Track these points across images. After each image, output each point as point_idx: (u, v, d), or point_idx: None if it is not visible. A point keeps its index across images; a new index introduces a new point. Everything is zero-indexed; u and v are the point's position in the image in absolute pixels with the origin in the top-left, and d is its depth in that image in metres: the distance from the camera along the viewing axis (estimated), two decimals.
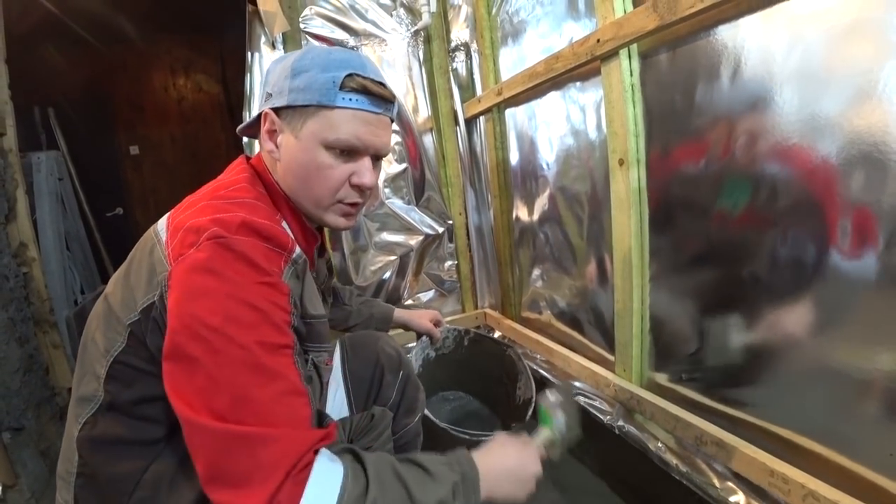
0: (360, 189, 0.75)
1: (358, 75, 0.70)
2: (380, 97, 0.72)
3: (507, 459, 0.71)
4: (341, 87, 0.68)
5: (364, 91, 0.70)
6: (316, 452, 0.55)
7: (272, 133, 0.73)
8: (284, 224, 0.72)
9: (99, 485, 0.66)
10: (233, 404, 0.52)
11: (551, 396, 0.89)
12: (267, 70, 0.77)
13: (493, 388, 1.49)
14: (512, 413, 1.37)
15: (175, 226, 0.63)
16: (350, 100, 0.69)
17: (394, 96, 0.76)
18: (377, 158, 0.77)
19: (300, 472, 0.52)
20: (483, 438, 1.07)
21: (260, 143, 0.76)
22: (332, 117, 0.69)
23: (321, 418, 0.81)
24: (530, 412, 1.22)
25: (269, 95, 0.73)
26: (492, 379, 1.48)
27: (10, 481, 1.34)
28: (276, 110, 0.71)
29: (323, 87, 0.68)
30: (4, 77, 1.66)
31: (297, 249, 0.67)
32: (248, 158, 0.81)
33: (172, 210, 0.70)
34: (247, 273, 0.58)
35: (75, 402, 0.68)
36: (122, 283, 0.67)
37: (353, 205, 0.76)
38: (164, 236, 0.64)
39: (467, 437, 1.10)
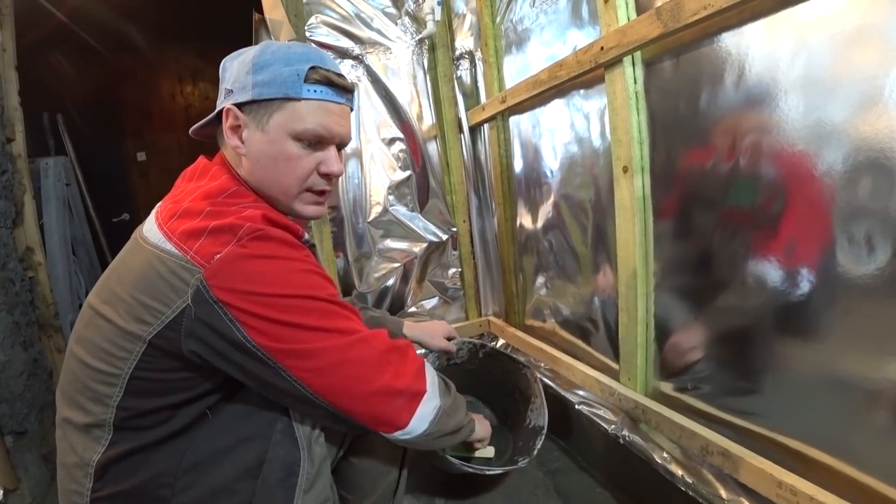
0: (328, 177, 0.78)
1: (320, 67, 0.72)
2: (342, 87, 0.75)
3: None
4: (306, 80, 0.71)
5: (327, 82, 0.73)
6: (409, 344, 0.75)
7: (236, 129, 0.74)
8: None
9: (125, 497, 0.66)
10: (333, 322, 0.67)
11: None
12: (222, 67, 0.77)
13: (505, 401, 1.47)
14: (520, 434, 1.35)
15: (185, 232, 0.63)
16: (315, 91, 0.72)
17: (353, 86, 0.79)
18: (341, 147, 0.80)
19: (412, 351, 0.75)
20: (488, 472, 1.20)
21: (223, 140, 0.77)
22: (299, 108, 0.71)
23: None
24: (538, 446, 1.22)
25: (230, 92, 0.73)
26: (504, 392, 1.46)
27: (12, 485, 1.34)
28: (239, 106, 0.72)
29: (288, 80, 0.70)
30: (14, 84, 1.68)
31: (306, 235, 0.74)
32: (209, 158, 0.80)
33: (160, 220, 0.67)
34: (293, 252, 0.66)
35: (77, 430, 0.67)
36: (124, 299, 0.64)
37: (321, 192, 0.79)
38: (170, 245, 0.63)
39: (472, 469, 1.17)
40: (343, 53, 1.78)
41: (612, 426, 1.20)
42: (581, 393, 1.35)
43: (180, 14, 3.56)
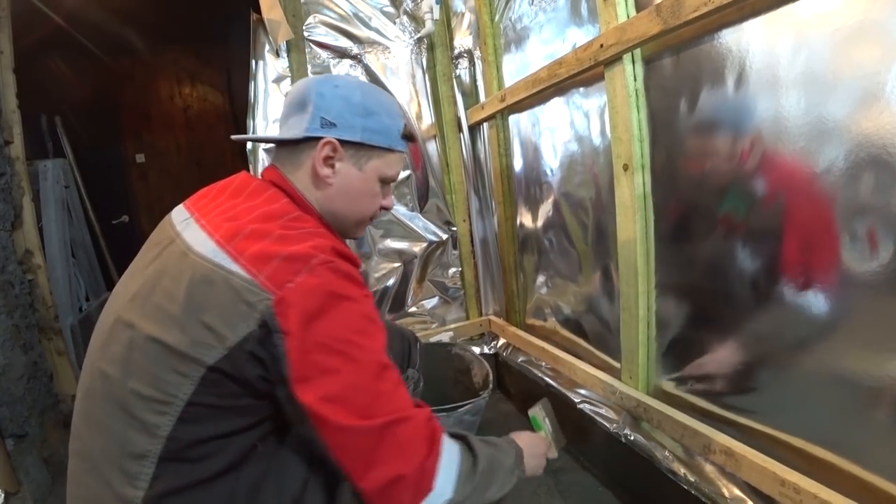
0: (385, 209, 0.89)
1: (407, 124, 0.84)
2: (413, 141, 0.91)
3: (530, 443, 0.88)
4: (401, 135, 0.82)
5: (411, 138, 0.86)
6: (437, 428, 0.66)
7: (329, 159, 0.77)
8: None
9: None
10: (372, 402, 0.60)
11: (539, 409, 1.08)
12: (316, 92, 0.77)
13: (449, 391, 1.50)
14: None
15: (255, 255, 0.61)
16: (402, 145, 0.83)
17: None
18: None
19: (435, 443, 0.64)
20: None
21: (295, 160, 0.78)
22: (391, 158, 0.82)
23: None
24: (492, 384, 1.39)
25: (331, 124, 0.76)
26: (447, 383, 1.50)
27: (13, 488, 1.34)
28: (341, 141, 0.76)
29: (392, 134, 0.81)
30: (12, 86, 1.68)
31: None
32: (272, 182, 0.79)
33: (219, 237, 0.65)
34: (358, 290, 0.65)
35: (110, 463, 0.61)
36: (178, 318, 0.60)
37: (371, 220, 0.89)
38: (236, 266, 0.61)
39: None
40: (341, 53, 1.78)
41: (614, 425, 1.20)
42: (583, 392, 1.35)
43: (178, 15, 3.56)
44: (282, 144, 0.81)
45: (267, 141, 0.86)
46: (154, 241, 0.76)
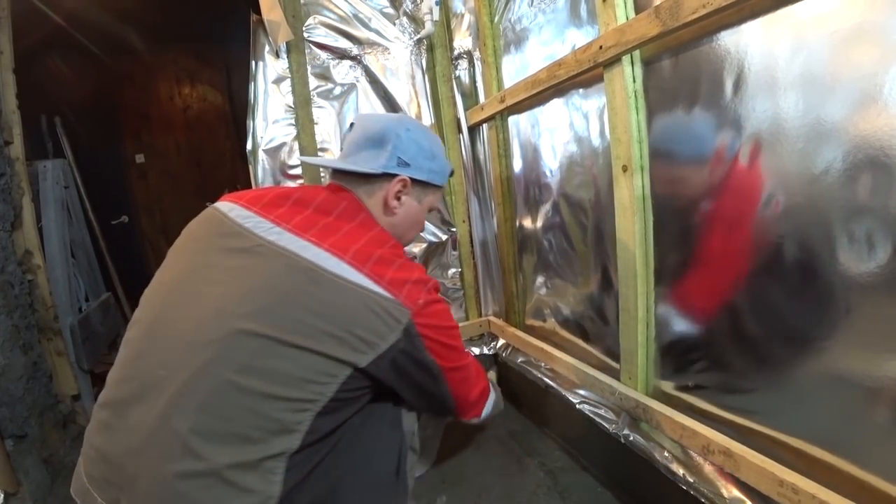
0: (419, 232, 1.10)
1: (452, 167, 1.06)
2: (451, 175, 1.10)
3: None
4: (448, 174, 1.04)
5: (452, 175, 1.08)
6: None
7: (400, 193, 0.93)
8: None
9: None
10: (463, 352, 0.89)
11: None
12: (395, 134, 0.92)
13: None
14: None
15: (392, 280, 0.75)
16: (446, 182, 1.06)
17: None
18: None
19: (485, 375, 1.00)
20: None
21: (367, 189, 0.92)
22: (439, 193, 1.03)
23: None
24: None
25: (406, 164, 0.92)
26: None
27: (13, 489, 1.34)
28: (412, 179, 0.93)
29: (445, 175, 1.02)
30: (12, 87, 1.68)
31: None
32: (359, 204, 0.91)
33: (354, 262, 0.75)
34: (442, 298, 0.85)
35: (245, 469, 0.64)
36: (331, 332, 0.69)
37: None
38: (379, 288, 0.74)
39: None
40: (341, 54, 1.78)
41: (613, 426, 1.20)
42: (582, 392, 1.35)
43: (177, 16, 3.56)
44: (360, 175, 0.92)
45: (344, 170, 0.93)
46: (220, 242, 0.79)
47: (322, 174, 1.69)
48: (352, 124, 0.98)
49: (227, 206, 0.84)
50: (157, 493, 0.63)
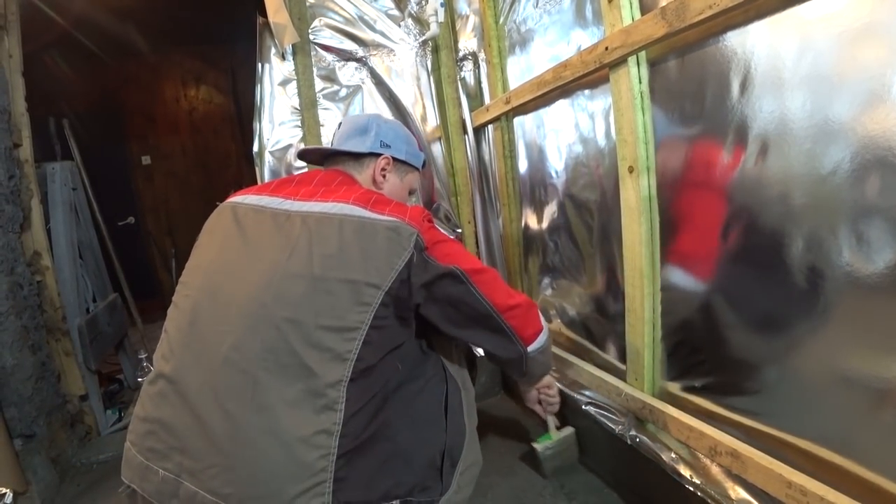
0: None
1: (425, 157, 1.20)
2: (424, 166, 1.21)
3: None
4: (423, 164, 1.17)
5: (424, 165, 1.20)
6: None
7: (384, 170, 1.06)
8: None
9: (364, 445, 0.76)
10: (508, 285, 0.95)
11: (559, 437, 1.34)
12: (375, 124, 1.08)
13: None
14: None
15: (393, 210, 0.84)
16: (423, 170, 1.19)
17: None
18: None
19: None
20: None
21: (357, 167, 1.06)
22: (417, 175, 1.16)
23: None
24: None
25: (388, 146, 1.06)
26: None
27: (21, 488, 1.35)
28: (392, 158, 1.06)
29: (420, 158, 1.15)
30: (21, 90, 1.69)
31: None
32: (354, 179, 1.03)
33: (358, 203, 0.85)
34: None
35: (305, 401, 0.72)
36: (357, 261, 0.78)
37: None
38: (387, 217, 0.82)
39: None
40: (347, 56, 1.79)
41: (620, 426, 1.20)
42: (588, 393, 1.35)
43: (183, 19, 3.58)
44: (347, 156, 1.06)
45: (332, 151, 1.09)
46: (250, 222, 0.89)
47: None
48: (340, 123, 1.14)
49: (239, 198, 0.96)
50: (234, 436, 0.71)
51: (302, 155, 1.15)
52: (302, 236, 0.82)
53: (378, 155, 1.05)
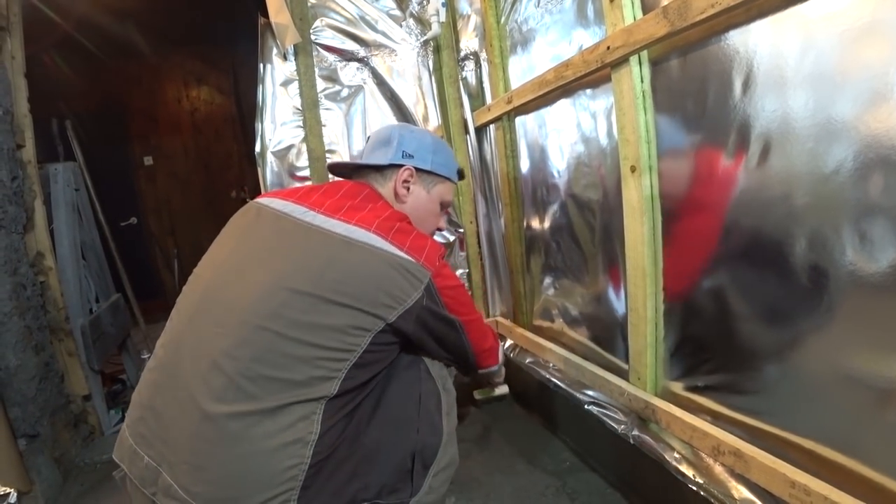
0: (439, 230, 1.21)
1: (459, 167, 1.17)
2: (462, 178, 1.20)
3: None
4: (458, 173, 1.15)
5: (461, 175, 1.18)
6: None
7: (407, 182, 1.04)
8: None
9: (337, 450, 0.77)
10: (473, 307, 0.99)
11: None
12: (399, 135, 1.06)
13: None
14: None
15: (413, 246, 0.85)
16: (457, 179, 1.15)
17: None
18: None
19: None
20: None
21: (379, 181, 1.05)
22: (449, 187, 1.12)
23: None
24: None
25: (410, 156, 1.04)
26: None
27: (26, 488, 1.35)
28: (416, 169, 1.04)
29: (451, 168, 1.11)
30: (23, 91, 1.70)
31: None
32: (378, 194, 1.03)
33: (378, 231, 0.85)
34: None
35: (286, 411, 0.73)
36: (366, 290, 0.80)
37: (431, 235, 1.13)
38: (403, 253, 0.83)
39: None
40: (348, 56, 1.79)
41: (622, 426, 1.20)
42: (590, 393, 1.35)
43: (184, 19, 3.59)
44: (371, 168, 1.05)
45: (356, 165, 1.10)
46: (268, 227, 0.91)
47: (330, 178, 1.70)
48: (368, 137, 1.16)
49: (266, 200, 0.97)
50: (210, 437, 0.72)
51: (331, 168, 1.17)
52: (318, 255, 0.83)
53: (400, 166, 1.03)
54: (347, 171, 1.14)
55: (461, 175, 1.18)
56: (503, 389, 1.40)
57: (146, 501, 0.76)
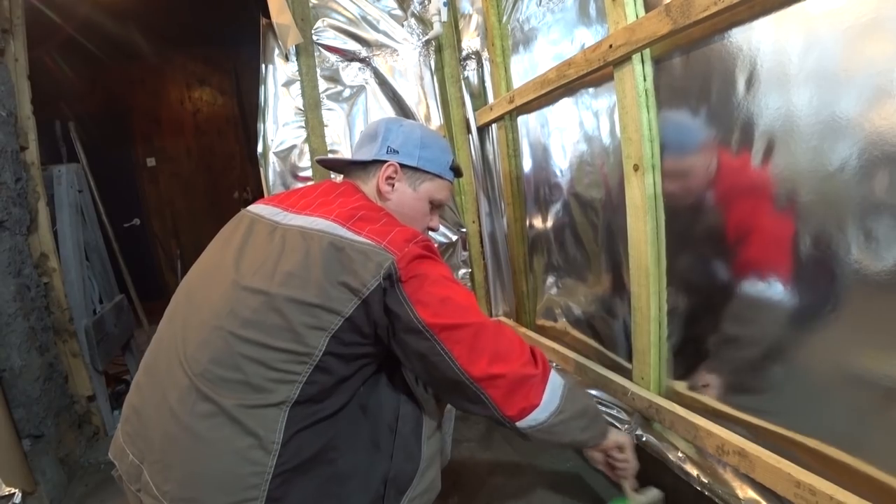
0: (431, 230, 1.08)
1: (454, 161, 1.05)
2: (459, 175, 1.10)
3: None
4: (450, 167, 1.03)
5: (457, 172, 1.07)
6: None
7: (391, 178, 0.97)
8: None
9: (304, 465, 0.74)
10: (469, 308, 0.81)
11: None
12: (385, 128, 1.00)
13: None
14: None
15: (374, 230, 0.78)
16: (450, 175, 1.04)
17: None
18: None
19: (533, 351, 0.85)
20: None
21: (363, 178, 0.99)
22: (440, 184, 1.02)
23: None
24: None
25: (395, 151, 0.97)
26: None
27: (30, 488, 1.36)
28: (401, 165, 0.97)
29: (442, 164, 1.01)
30: (27, 93, 1.70)
31: None
32: (356, 188, 0.97)
33: (337, 219, 0.80)
34: (442, 260, 0.85)
35: (249, 413, 0.71)
36: (316, 281, 0.73)
37: None
38: (362, 238, 0.76)
39: None
40: (350, 56, 1.79)
41: (626, 426, 1.20)
42: (594, 393, 1.35)
43: (186, 21, 3.60)
44: (356, 165, 1.00)
45: (345, 161, 1.06)
46: (242, 230, 0.89)
47: (333, 177, 1.70)
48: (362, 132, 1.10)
49: (253, 206, 0.97)
50: (175, 437, 0.72)
51: (321, 165, 1.13)
52: (274, 252, 0.79)
53: (384, 162, 0.97)
54: (339, 169, 1.12)
55: (458, 172, 1.08)
56: (652, 497, 1.04)
57: (135, 499, 0.78)
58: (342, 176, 1.07)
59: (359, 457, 0.80)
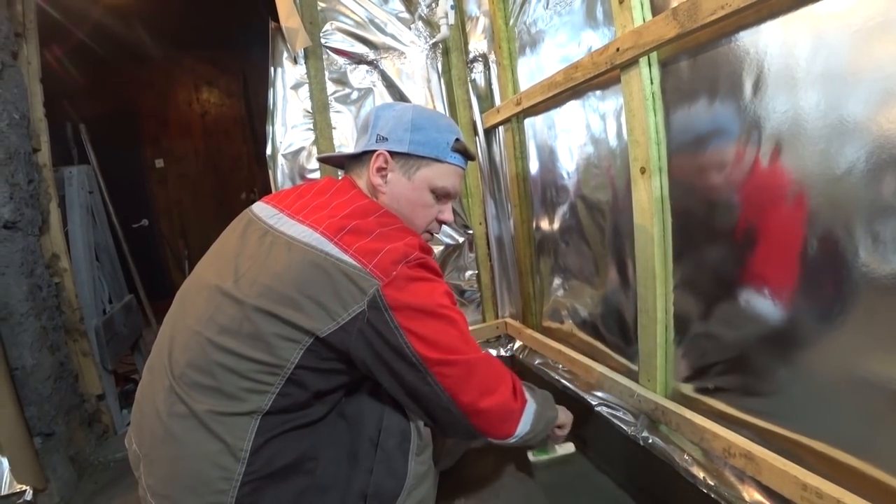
0: (442, 223, 1.00)
1: (459, 140, 0.93)
2: (470, 158, 0.98)
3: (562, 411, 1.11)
4: (451, 148, 0.91)
5: (464, 153, 0.95)
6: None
7: (382, 170, 0.90)
8: None
9: (277, 475, 0.74)
10: (464, 343, 0.79)
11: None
12: (375, 115, 0.93)
13: None
14: None
15: (362, 248, 0.74)
16: (454, 158, 0.93)
17: (475, 156, 0.98)
18: (452, 200, 1.01)
19: (515, 383, 0.88)
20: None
21: (358, 171, 0.94)
22: (441, 169, 0.92)
23: None
24: None
25: (384, 139, 0.89)
26: None
27: (41, 485, 1.37)
28: (391, 153, 0.89)
29: (439, 146, 0.90)
30: (39, 96, 1.72)
31: None
32: (352, 183, 0.93)
33: (325, 231, 0.76)
34: (439, 278, 0.81)
35: (220, 418, 0.72)
36: (293, 298, 0.71)
37: (431, 234, 1.00)
38: (347, 257, 0.73)
39: None
40: (358, 59, 1.80)
41: (632, 428, 1.20)
42: (600, 394, 1.35)
43: (195, 24, 3.63)
44: (353, 159, 0.95)
45: (340, 157, 1.02)
46: (238, 232, 0.88)
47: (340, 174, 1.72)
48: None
49: (256, 205, 0.95)
50: (157, 434, 0.75)
51: (324, 161, 1.10)
52: (259, 259, 0.78)
53: (373, 153, 0.90)
54: (339, 165, 1.09)
55: (466, 153, 0.96)
56: (567, 448, 1.26)
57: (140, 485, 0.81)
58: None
59: (339, 468, 0.79)
